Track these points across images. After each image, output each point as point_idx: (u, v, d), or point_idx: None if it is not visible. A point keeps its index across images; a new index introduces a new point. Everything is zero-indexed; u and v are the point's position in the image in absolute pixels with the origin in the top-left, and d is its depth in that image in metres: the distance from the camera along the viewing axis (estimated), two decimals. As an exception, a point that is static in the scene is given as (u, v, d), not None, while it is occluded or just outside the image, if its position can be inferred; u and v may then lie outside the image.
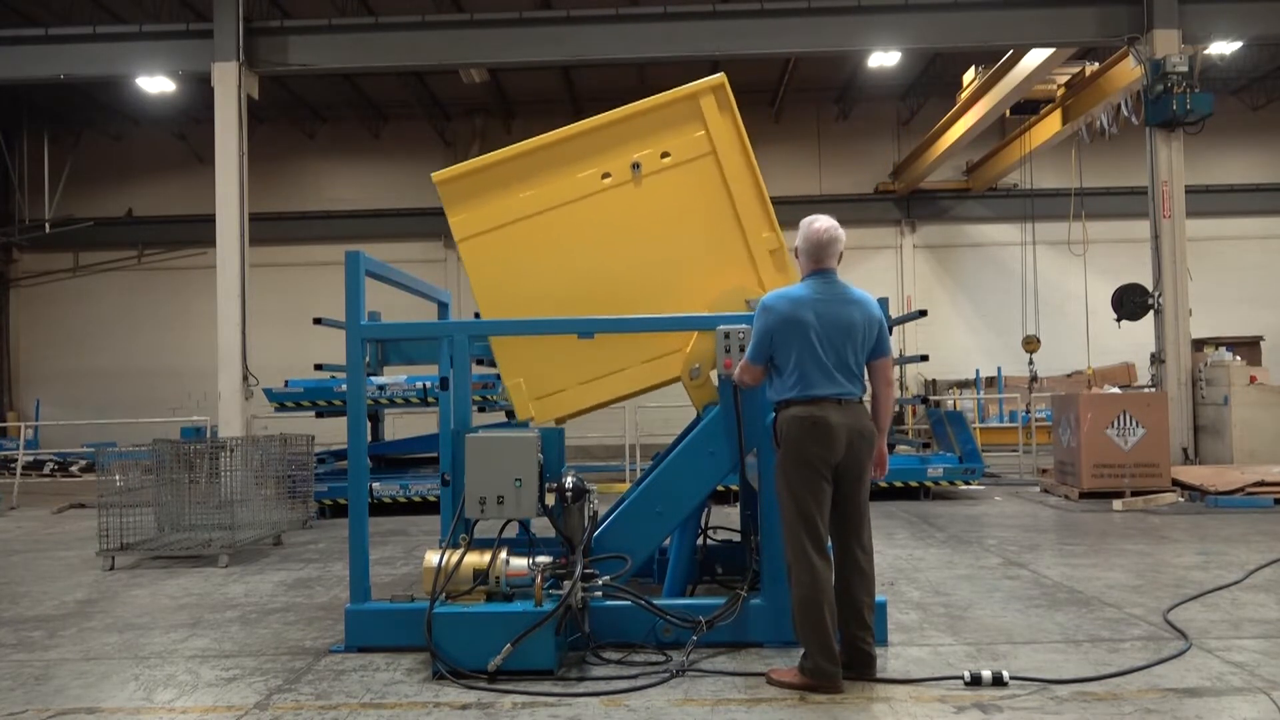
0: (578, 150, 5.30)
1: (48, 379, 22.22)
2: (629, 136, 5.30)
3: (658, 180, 5.29)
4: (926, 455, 11.71)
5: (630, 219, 5.29)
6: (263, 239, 15.80)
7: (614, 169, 5.29)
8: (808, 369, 4.17)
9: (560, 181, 5.30)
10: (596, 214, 5.29)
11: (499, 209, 5.30)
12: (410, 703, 4.05)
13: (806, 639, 4.08)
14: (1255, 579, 6.19)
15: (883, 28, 13.49)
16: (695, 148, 5.29)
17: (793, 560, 4.14)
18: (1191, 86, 12.35)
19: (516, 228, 5.29)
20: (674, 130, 5.30)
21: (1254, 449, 11.69)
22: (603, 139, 5.31)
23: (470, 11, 14.62)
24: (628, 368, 5.27)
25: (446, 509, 5.27)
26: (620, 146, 5.30)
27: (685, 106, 5.31)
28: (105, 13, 16.09)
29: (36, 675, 4.62)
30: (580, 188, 5.29)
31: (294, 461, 9.20)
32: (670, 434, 6.80)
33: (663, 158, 5.30)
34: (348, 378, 5.04)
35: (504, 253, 5.30)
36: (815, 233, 4.34)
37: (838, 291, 4.29)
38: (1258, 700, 3.87)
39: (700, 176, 5.30)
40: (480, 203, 5.30)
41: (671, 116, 5.31)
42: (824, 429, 4.11)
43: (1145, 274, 13.15)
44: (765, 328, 4.25)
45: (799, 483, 4.14)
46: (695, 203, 5.29)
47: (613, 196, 5.29)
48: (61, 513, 11.57)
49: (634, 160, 5.28)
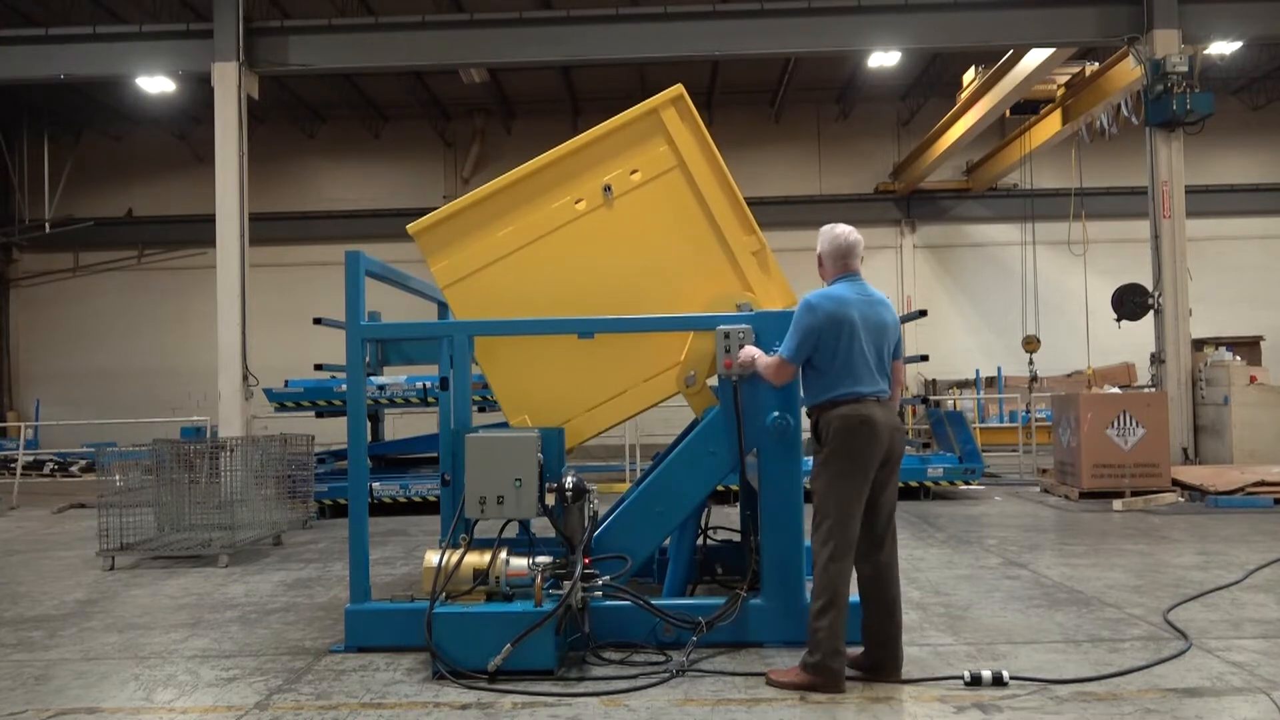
0: (548, 181, 5.29)
1: (48, 379, 22.22)
2: (597, 160, 5.30)
3: (631, 199, 5.29)
4: (926, 455, 11.71)
5: (609, 241, 5.28)
6: (263, 239, 15.79)
7: (586, 194, 5.29)
8: (858, 368, 4.19)
9: (535, 214, 5.29)
10: (576, 241, 5.28)
11: (478, 251, 5.29)
12: (410, 703, 4.05)
13: (824, 639, 4.05)
14: (1255, 579, 6.20)
15: (883, 28, 13.48)
16: (662, 162, 5.29)
17: (828, 559, 4.10)
18: (1191, 86, 12.35)
19: (498, 267, 5.28)
20: (639, 148, 5.30)
21: (1254, 449, 11.69)
22: (571, 166, 5.30)
23: (470, 11, 14.62)
24: (629, 389, 5.28)
25: (446, 509, 5.27)
26: (589, 171, 5.30)
27: (647, 122, 5.30)
28: (105, 13, 16.08)
29: (36, 675, 4.63)
30: (555, 218, 5.28)
31: (294, 461, 9.20)
32: (670, 434, 6.80)
33: (632, 174, 5.29)
34: (348, 378, 5.05)
35: (490, 294, 5.28)
36: (839, 236, 4.38)
37: (869, 293, 4.35)
38: (1258, 700, 3.87)
39: (671, 190, 5.29)
40: (459, 247, 5.30)
41: (635, 134, 5.31)
42: (872, 428, 4.14)
43: (1145, 274, 13.14)
44: (812, 326, 4.22)
45: (848, 484, 4.13)
46: (671, 216, 5.29)
47: (589, 221, 5.29)
48: (61, 513, 11.57)
49: (605, 183, 5.27)
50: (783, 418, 4.72)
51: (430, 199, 22.06)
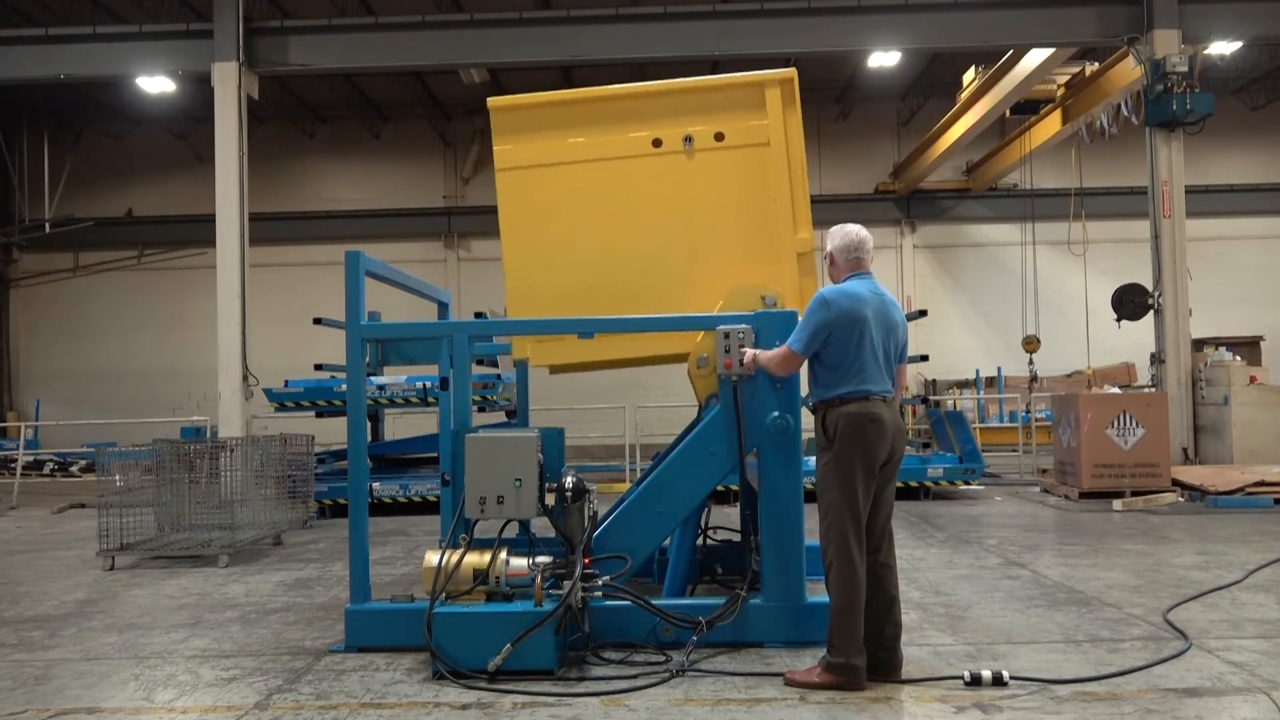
0: (636, 110, 5.26)
1: (48, 379, 22.21)
2: (688, 109, 5.25)
3: (705, 159, 5.24)
4: (926, 455, 11.71)
5: (669, 190, 5.25)
6: (263, 239, 15.80)
7: (666, 138, 5.24)
8: (868, 366, 4.20)
9: (611, 136, 5.25)
10: (637, 177, 5.24)
11: (545, 148, 5.25)
12: (410, 703, 4.05)
13: (844, 639, 4.05)
14: (1255, 579, 6.20)
15: (883, 28, 13.48)
16: (751, 135, 5.23)
17: (836, 559, 4.10)
18: (1191, 86, 12.35)
19: (557, 171, 5.24)
20: (734, 114, 5.24)
21: (1254, 449, 11.69)
22: (662, 105, 5.26)
23: (470, 11, 14.63)
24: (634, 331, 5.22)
25: (446, 509, 5.27)
26: (676, 117, 5.25)
27: (750, 93, 5.26)
28: (105, 13, 16.09)
29: (36, 675, 4.63)
30: (628, 147, 5.24)
31: (294, 461, 9.20)
32: (670, 434, 6.81)
33: (716, 139, 5.24)
34: (348, 378, 5.04)
35: (538, 193, 5.25)
36: (851, 234, 4.41)
37: (882, 291, 4.37)
38: (1258, 700, 3.87)
39: (747, 164, 5.23)
40: (529, 137, 5.26)
41: (735, 99, 5.26)
42: (880, 427, 4.15)
43: (1145, 274, 13.14)
44: (825, 321, 4.21)
45: (855, 482, 4.13)
46: (737, 189, 5.24)
47: (658, 164, 5.25)
48: (61, 513, 11.57)
49: (687, 134, 5.22)
50: (783, 418, 4.71)
51: (430, 199, 22.10)
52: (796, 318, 4.49)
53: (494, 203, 5.35)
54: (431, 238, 21.81)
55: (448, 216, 21.90)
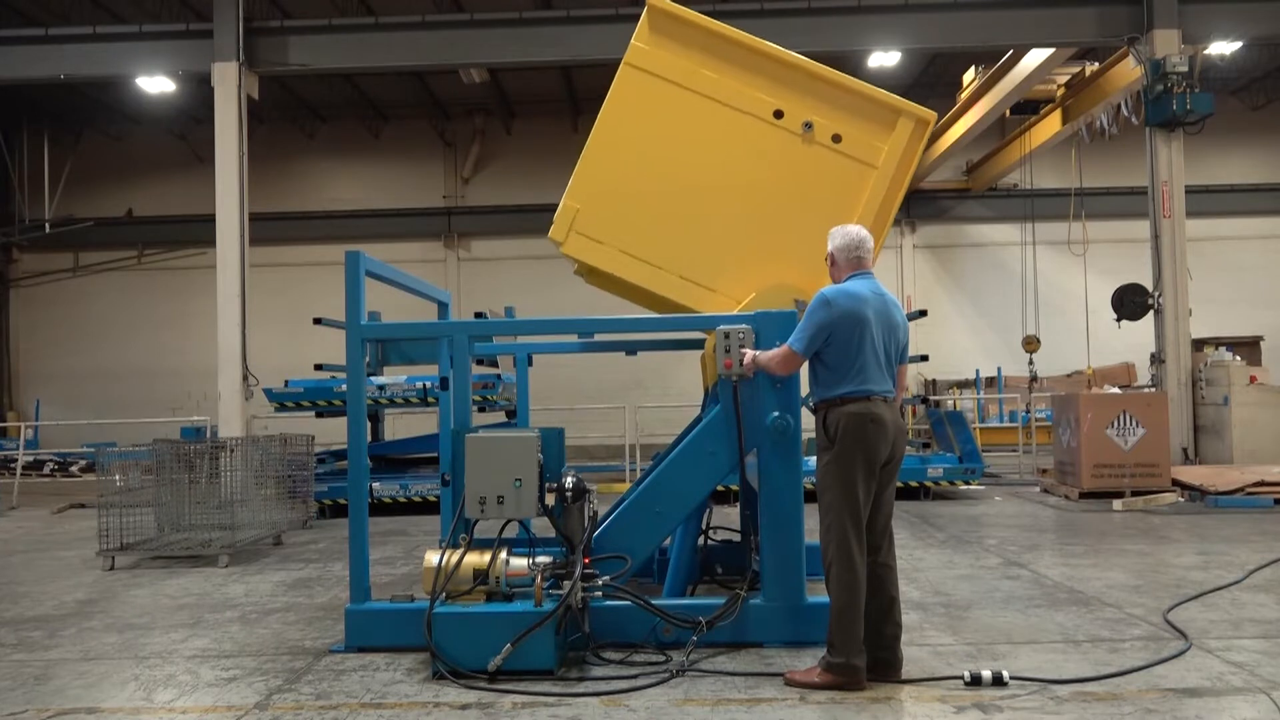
0: (775, 74, 5.25)
1: (48, 379, 22.21)
2: (820, 97, 5.25)
3: (813, 151, 5.22)
4: (926, 455, 11.70)
5: (767, 165, 5.24)
6: (263, 239, 15.80)
7: (789, 114, 5.23)
8: (869, 366, 4.20)
9: (740, 86, 5.24)
10: (744, 136, 5.23)
11: (680, 67, 5.25)
12: (410, 703, 4.04)
13: (844, 639, 4.05)
14: (1255, 579, 6.20)
15: (883, 28, 13.48)
16: (866, 152, 5.23)
17: (836, 559, 4.11)
18: (1191, 86, 12.35)
19: (679, 94, 5.24)
20: (861, 123, 5.24)
21: (1254, 449, 11.69)
22: (800, 81, 5.25)
23: (470, 11, 14.61)
24: (666, 269, 5.21)
25: (446, 509, 5.28)
26: (806, 99, 5.24)
27: (885, 113, 5.27)
28: (105, 13, 16.08)
29: (36, 675, 4.63)
30: (752, 105, 5.24)
31: (294, 461, 9.20)
32: (670, 434, 6.80)
33: (833, 139, 5.23)
34: (348, 378, 5.04)
35: (652, 106, 5.25)
36: (851, 234, 4.42)
37: (882, 292, 4.36)
38: (1258, 700, 3.87)
39: (848, 176, 5.22)
40: (670, 49, 5.27)
41: (868, 111, 5.27)
42: (881, 427, 4.15)
43: (1145, 274, 13.15)
44: (826, 321, 4.21)
45: (856, 482, 4.12)
46: (826, 193, 5.22)
47: (769, 135, 5.23)
48: (61, 513, 11.56)
49: (809, 120, 5.21)
50: (783, 418, 4.71)
51: (430, 199, 22.09)
52: (796, 319, 4.48)
53: (494, 203, 5.35)
54: (431, 238, 21.79)
55: (448, 216, 21.88)
